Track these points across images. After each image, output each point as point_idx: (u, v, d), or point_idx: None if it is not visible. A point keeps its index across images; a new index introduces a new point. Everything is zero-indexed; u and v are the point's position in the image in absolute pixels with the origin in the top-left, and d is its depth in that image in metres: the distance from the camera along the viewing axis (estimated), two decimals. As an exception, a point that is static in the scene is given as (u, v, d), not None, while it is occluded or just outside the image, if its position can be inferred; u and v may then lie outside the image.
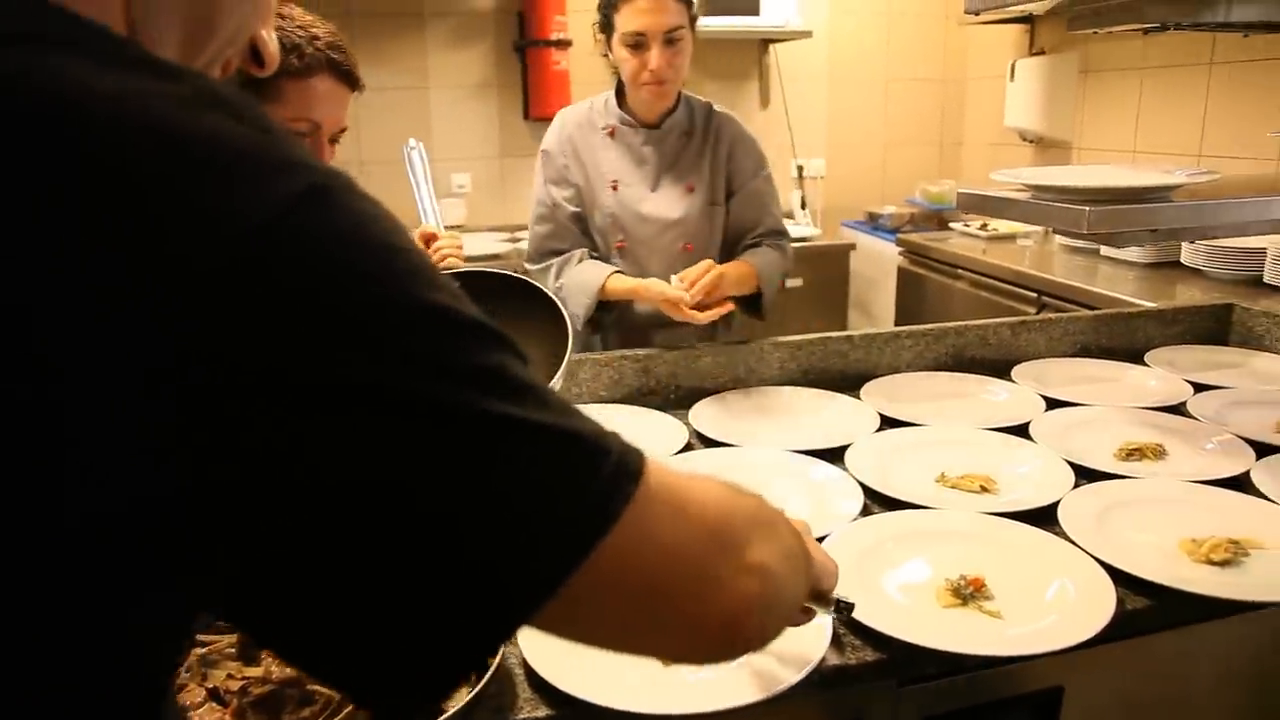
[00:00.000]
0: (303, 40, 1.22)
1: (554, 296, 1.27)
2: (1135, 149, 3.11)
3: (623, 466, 0.42)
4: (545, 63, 3.42)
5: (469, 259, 1.70)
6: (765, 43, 3.80)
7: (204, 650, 0.91)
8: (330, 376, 0.35)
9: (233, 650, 0.92)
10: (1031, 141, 3.60)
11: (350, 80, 1.28)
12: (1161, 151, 3.00)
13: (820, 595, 0.78)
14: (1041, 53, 3.48)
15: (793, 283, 3.46)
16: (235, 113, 0.36)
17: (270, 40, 0.52)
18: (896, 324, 3.37)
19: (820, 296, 3.54)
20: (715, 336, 1.87)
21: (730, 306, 1.70)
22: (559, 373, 1.18)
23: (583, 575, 0.40)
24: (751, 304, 1.81)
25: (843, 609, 0.84)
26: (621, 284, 1.72)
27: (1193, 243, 2.49)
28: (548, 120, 3.93)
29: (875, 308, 3.79)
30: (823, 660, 0.91)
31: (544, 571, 0.39)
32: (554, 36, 3.38)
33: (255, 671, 0.90)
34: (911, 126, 4.18)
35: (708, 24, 3.43)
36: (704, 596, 0.46)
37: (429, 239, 1.53)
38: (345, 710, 0.85)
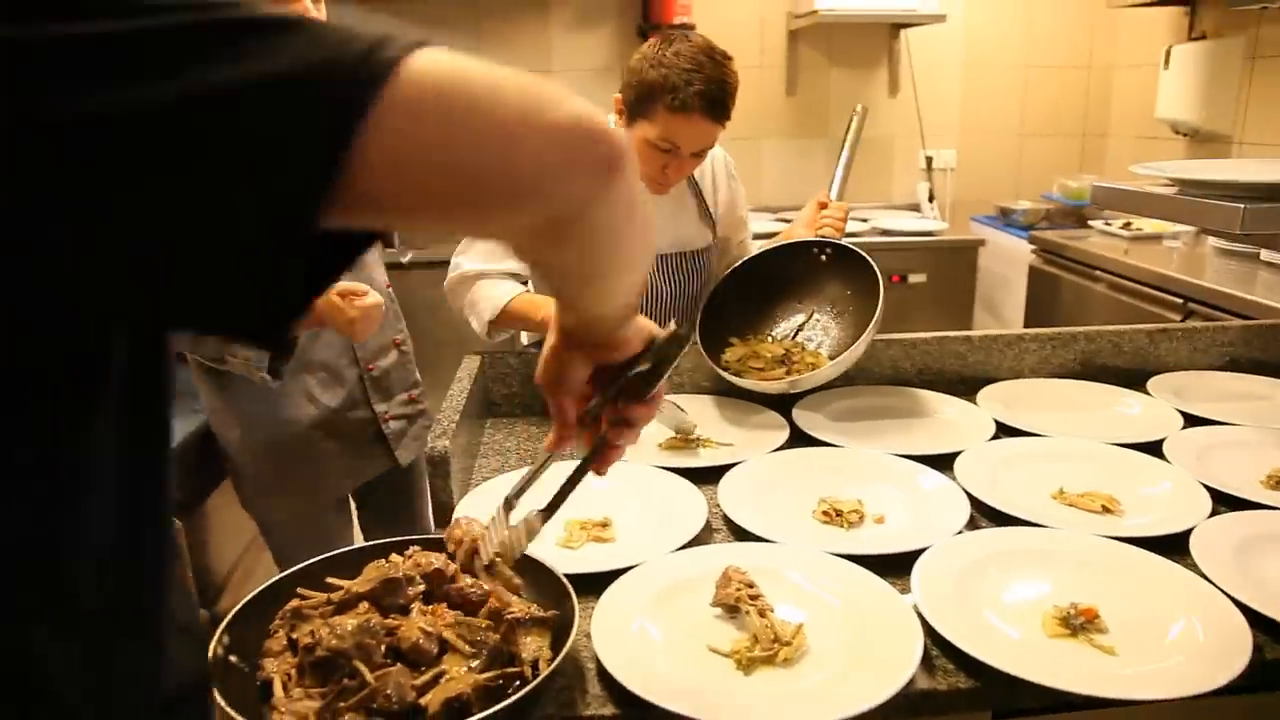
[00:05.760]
0: (681, 83, 1.41)
1: (870, 259, 1.55)
2: (1307, 145, 2.83)
3: (397, 33, 0.41)
4: (668, 47, 3.39)
5: None
6: (896, 27, 3.65)
7: (300, 603, 0.92)
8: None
9: (328, 609, 0.92)
10: (1185, 135, 3.33)
11: (720, 117, 1.46)
12: (1338, 148, 2.73)
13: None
14: (1202, 37, 3.22)
15: (916, 278, 3.33)
16: None
17: (310, 10, 0.53)
18: (1026, 326, 3.19)
19: (945, 294, 3.39)
20: None
21: None
22: (873, 319, 1.45)
23: (384, 116, 0.39)
24: None
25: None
26: None
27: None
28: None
29: (1004, 309, 3.60)
30: (910, 683, 0.85)
31: (341, 121, 0.39)
32: (677, 20, 3.33)
33: (324, 633, 0.90)
34: (1051, 117, 3.94)
35: (835, 7, 3.32)
36: (541, 106, 0.44)
37: (821, 205, 1.68)
38: (369, 690, 0.83)
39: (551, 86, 0.45)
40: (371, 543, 1.01)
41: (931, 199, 3.75)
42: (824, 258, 1.64)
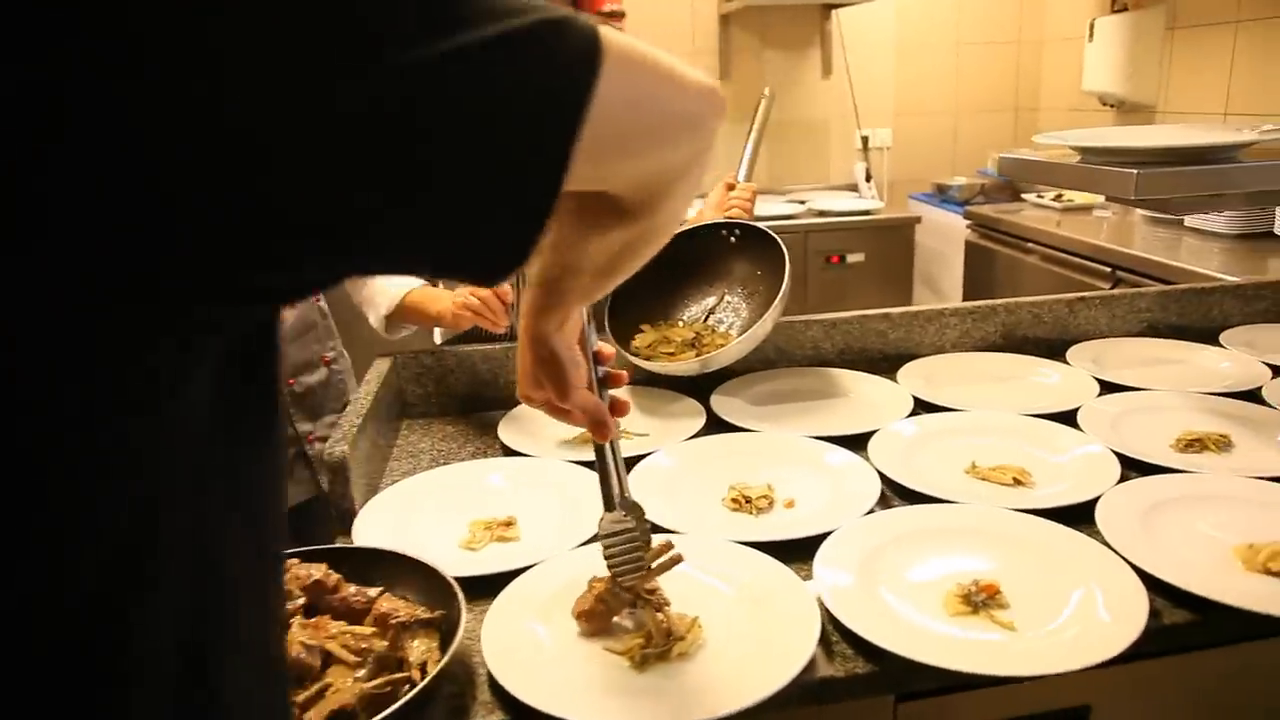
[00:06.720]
0: None
1: (777, 238, 1.52)
2: (1227, 110, 2.87)
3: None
4: (597, 35, 3.35)
5: None
6: (827, 8, 3.65)
7: None
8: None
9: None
10: (1112, 106, 3.37)
11: None
12: (1258, 113, 2.76)
13: None
14: (1124, 9, 3.24)
15: (854, 258, 3.33)
16: None
17: None
18: (965, 300, 3.20)
19: (884, 272, 3.39)
20: None
21: None
22: (779, 294, 1.43)
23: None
24: None
25: None
26: None
27: (1285, 211, 2.28)
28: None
29: (943, 284, 3.62)
30: (808, 668, 0.83)
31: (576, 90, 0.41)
32: (606, 9, 3.29)
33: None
34: (984, 93, 3.96)
35: (763, -11, 3.30)
36: (674, 63, 0.49)
37: (729, 187, 1.68)
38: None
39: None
40: None
41: (869, 179, 3.75)
42: (733, 239, 1.62)
